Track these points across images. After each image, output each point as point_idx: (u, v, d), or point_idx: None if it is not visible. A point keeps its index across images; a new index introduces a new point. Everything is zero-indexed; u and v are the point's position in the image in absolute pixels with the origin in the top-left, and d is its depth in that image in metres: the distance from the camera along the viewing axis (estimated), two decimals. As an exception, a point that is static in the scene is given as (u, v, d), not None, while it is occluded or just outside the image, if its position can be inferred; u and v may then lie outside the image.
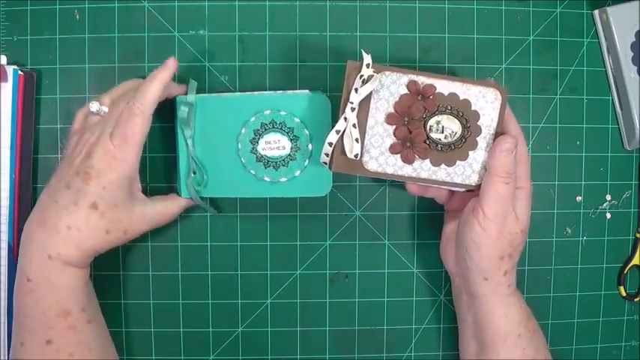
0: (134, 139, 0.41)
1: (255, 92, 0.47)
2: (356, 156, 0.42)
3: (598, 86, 0.53)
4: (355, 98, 0.42)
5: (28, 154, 0.49)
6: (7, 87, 0.48)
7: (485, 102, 0.43)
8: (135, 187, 0.44)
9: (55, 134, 0.50)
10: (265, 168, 0.46)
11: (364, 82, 0.42)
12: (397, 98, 0.43)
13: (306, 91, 0.47)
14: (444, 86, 0.43)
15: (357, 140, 0.42)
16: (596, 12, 0.53)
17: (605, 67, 0.53)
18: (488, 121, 0.43)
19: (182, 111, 0.45)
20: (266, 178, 0.46)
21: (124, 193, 0.42)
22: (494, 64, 0.52)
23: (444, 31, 0.52)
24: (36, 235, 0.41)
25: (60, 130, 0.50)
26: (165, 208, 0.46)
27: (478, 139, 0.43)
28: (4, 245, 0.48)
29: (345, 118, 0.42)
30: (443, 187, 0.45)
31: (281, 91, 0.47)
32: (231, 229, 0.51)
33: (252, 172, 0.46)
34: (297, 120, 0.46)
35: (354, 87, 0.42)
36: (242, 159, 0.46)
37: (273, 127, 0.46)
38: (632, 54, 0.51)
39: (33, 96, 0.50)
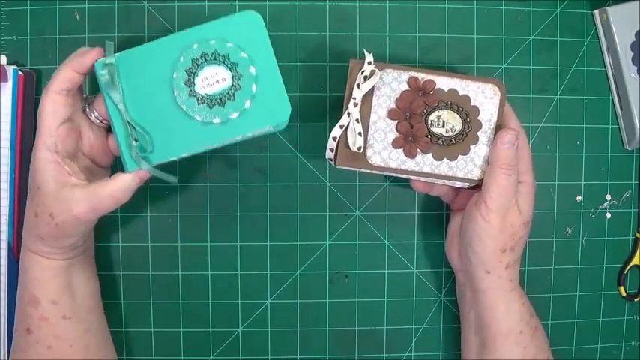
0: (42, 119, 0.40)
1: (178, 32, 0.42)
2: (359, 149, 0.43)
3: (598, 86, 0.53)
4: (357, 94, 0.43)
5: (28, 154, 0.49)
6: (7, 87, 0.48)
7: (485, 97, 0.44)
8: (61, 171, 0.41)
9: (55, 134, 0.50)
10: (211, 108, 0.41)
11: (366, 79, 0.43)
12: (398, 94, 0.44)
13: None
14: (444, 82, 0.44)
15: (359, 134, 0.43)
16: (596, 12, 0.53)
17: (605, 67, 0.53)
18: (488, 116, 0.44)
19: (102, 75, 0.40)
20: (215, 120, 0.41)
21: (45, 176, 0.40)
22: (494, 64, 0.52)
23: (444, 31, 0.52)
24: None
25: (60, 130, 0.50)
26: (99, 189, 0.41)
27: (479, 133, 0.44)
28: (4, 245, 0.48)
29: (349, 114, 0.43)
30: (447, 182, 0.46)
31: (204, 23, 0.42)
32: (231, 229, 0.51)
33: (198, 117, 0.41)
34: (230, 45, 0.41)
35: (356, 83, 0.43)
36: (182, 106, 0.41)
37: (206, 60, 0.41)
38: (632, 54, 0.51)
39: (33, 96, 0.49)
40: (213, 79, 0.41)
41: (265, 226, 0.52)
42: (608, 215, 0.54)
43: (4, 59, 0.49)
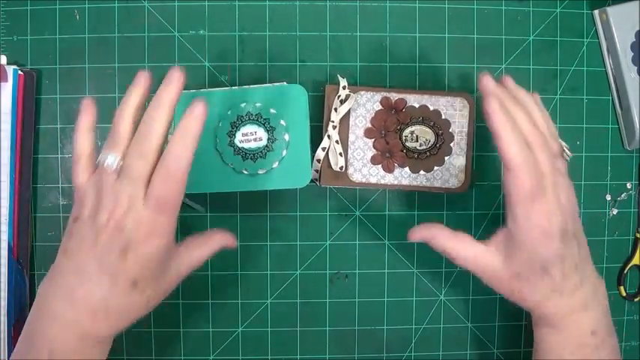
0: (173, 205, 0.36)
1: (234, 87, 0.48)
2: (341, 168, 0.47)
3: (598, 86, 0.53)
4: (335, 117, 0.47)
5: (28, 154, 0.49)
6: (7, 87, 0.48)
7: (454, 110, 0.48)
8: (171, 252, 0.39)
9: (55, 134, 0.50)
10: (243, 160, 0.46)
11: (342, 102, 0.47)
12: (373, 114, 0.48)
13: (284, 82, 0.48)
14: (415, 99, 0.48)
15: (340, 154, 0.47)
16: (596, 12, 0.53)
17: (605, 67, 0.53)
18: (459, 128, 0.48)
19: None
20: (244, 171, 0.46)
21: (162, 264, 0.37)
22: (494, 64, 0.52)
23: (444, 31, 0.52)
24: (62, 311, 0.36)
25: (60, 130, 0.50)
26: (199, 255, 0.40)
27: (452, 144, 0.48)
28: (4, 245, 0.48)
29: (329, 136, 0.47)
30: (434, 191, 0.49)
31: (258, 85, 0.48)
32: (231, 229, 0.51)
33: (231, 165, 0.46)
34: (272, 111, 0.46)
35: (333, 107, 0.47)
36: (220, 152, 0.46)
37: (249, 118, 0.46)
38: (632, 54, 0.51)
39: (33, 96, 0.50)
40: (251, 136, 0.46)
41: (265, 226, 0.52)
42: (609, 215, 0.54)
43: (4, 59, 0.49)
